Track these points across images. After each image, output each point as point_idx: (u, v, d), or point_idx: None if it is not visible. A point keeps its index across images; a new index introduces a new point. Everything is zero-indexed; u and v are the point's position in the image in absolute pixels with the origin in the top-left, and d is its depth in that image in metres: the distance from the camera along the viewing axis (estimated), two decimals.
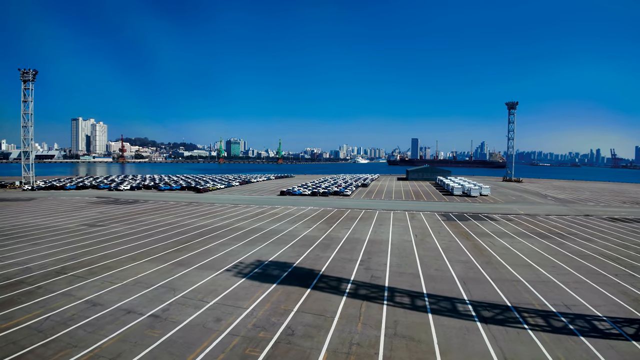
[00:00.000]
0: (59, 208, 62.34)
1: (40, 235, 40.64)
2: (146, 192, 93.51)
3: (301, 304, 21.89)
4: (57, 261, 30.36)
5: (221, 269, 28.62)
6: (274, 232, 43.26)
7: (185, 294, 23.33)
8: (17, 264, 29.49)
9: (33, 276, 26.45)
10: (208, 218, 53.07)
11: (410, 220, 52.15)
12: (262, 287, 24.66)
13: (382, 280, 26.24)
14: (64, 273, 27.20)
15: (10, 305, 21.27)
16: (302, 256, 32.95)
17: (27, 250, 33.72)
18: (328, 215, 56.05)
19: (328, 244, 37.90)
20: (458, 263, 30.75)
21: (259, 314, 20.42)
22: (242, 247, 35.88)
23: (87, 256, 31.98)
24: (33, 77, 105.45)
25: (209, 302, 22.06)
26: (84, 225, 46.81)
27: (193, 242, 38.04)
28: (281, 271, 28.43)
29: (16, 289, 23.80)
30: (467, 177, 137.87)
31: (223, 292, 23.65)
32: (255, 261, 31.11)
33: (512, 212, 61.86)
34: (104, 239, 38.72)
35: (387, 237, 41.38)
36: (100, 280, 25.67)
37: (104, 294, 23.04)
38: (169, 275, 26.94)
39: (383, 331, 18.39)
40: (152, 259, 31.36)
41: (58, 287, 24.32)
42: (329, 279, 26.51)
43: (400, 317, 20.10)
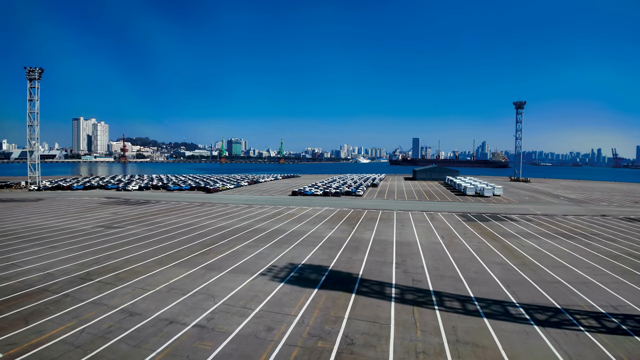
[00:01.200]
0: (70, 209, 61.01)
1: (56, 237, 39.29)
2: (155, 192, 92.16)
3: (350, 310, 20.91)
4: (80, 266, 28.95)
5: (256, 273, 27.39)
6: (297, 234, 42.02)
7: (225, 300, 22.08)
8: (37, 269, 28.03)
9: (57, 283, 24.99)
10: (226, 219, 51.79)
11: (430, 221, 51.24)
12: (304, 292, 23.57)
13: (425, 284, 25.46)
14: (89, 279, 25.78)
15: (39, 316, 19.75)
16: (335, 259, 31.79)
17: (45, 254, 32.27)
18: (346, 216, 54.87)
19: (356, 246, 36.75)
20: (494, 265, 30.06)
21: (310, 322, 19.35)
22: (270, 250, 34.66)
23: (111, 260, 30.64)
24: (39, 75, 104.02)
25: (254, 310, 20.86)
26: (99, 226, 45.50)
27: (217, 244, 36.78)
28: (318, 275, 27.32)
29: (42, 298, 22.31)
30: (475, 177, 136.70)
31: (265, 298, 22.47)
32: (289, 264, 29.90)
33: (529, 212, 61.17)
34: (123, 242, 37.44)
35: (413, 238, 40.34)
36: (131, 286, 24.33)
37: (138, 302, 21.70)
38: (203, 280, 25.67)
39: (444, 338, 17.68)
40: (179, 262, 30.07)
41: (87, 294, 22.89)
42: (371, 283, 25.57)
43: (456, 322, 19.39)
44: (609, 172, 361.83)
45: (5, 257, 31.22)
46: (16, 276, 26.29)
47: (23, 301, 21.79)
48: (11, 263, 29.59)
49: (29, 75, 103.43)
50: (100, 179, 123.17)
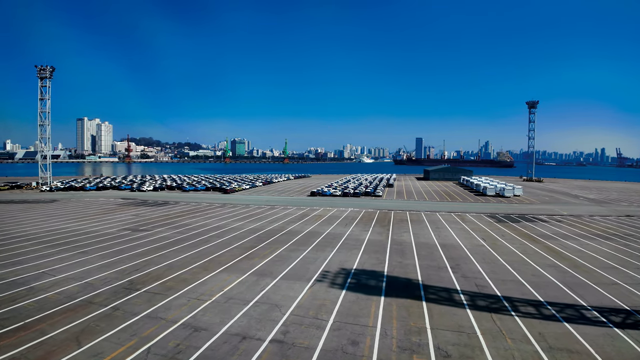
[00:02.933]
0: (89, 211, 59.50)
1: (83, 242, 37.53)
2: (171, 192, 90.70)
3: (429, 319, 19.67)
4: (119, 274, 27.09)
5: (311, 280, 25.87)
6: (333, 236, 40.53)
7: (293, 311, 20.53)
8: (73, 278, 26.01)
9: (100, 294, 22.98)
10: (254, 221, 50.27)
11: (462, 223, 49.98)
12: (372, 301, 22.14)
13: (490, 289, 24.39)
14: (135, 289, 23.96)
15: (92, 335, 17.68)
16: (386, 264, 30.34)
17: (77, 261, 30.31)
18: (375, 218, 53.38)
19: (401, 249, 35.33)
20: (548, 268, 29.23)
21: (394, 333, 18.03)
22: (314, 253, 33.14)
23: (151, 266, 28.94)
24: (50, 74, 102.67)
25: (327, 320, 19.35)
26: (126, 229, 43.94)
27: (257, 247, 35.25)
28: (377, 281, 25.89)
29: (88, 312, 20.23)
30: (489, 177, 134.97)
31: (334, 308, 20.96)
32: (341, 270, 28.39)
33: (555, 212, 60.29)
34: (157, 246, 35.84)
35: (455, 241, 39.04)
36: (184, 296, 22.63)
37: (199, 314, 19.98)
38: (258, 288, 24.11)
39: (536, 345, 17.06)
40: (225, 268, 28.50)
41: (138, 307, 21.04)
42: (436, 290, 24.29)
43: (539, 328, 18.71)
44: (614, 171, 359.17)
45: (34, 265, 29.26)
46: (52, 287, 24.26)
47: (68, 317, 19.69)
48: (42, 272, 27.53)
49: (39, 74, 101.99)
50: (112, 180, 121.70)
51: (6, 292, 23.26)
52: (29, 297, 22.40)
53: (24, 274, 26.77)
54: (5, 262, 29.81)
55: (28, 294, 22.82)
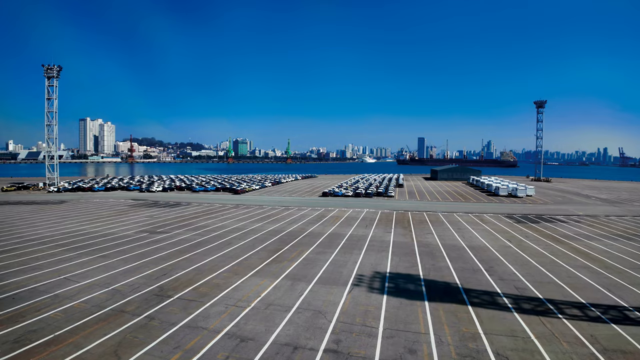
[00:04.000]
0: (101, 212, 58.62)
1: (102, 245, 36.46)
2: (180, 193, 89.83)
3: (480, 324, 19.25)
4: (147, 279, 26.03)
5: (348, 284, 25.01)
6: (358, 238, 39.67)
7: (338, 317, 19.69)
8: (98, 284, 24.80)
9: (131, 302, 21.84)
10: (272, 222, 49.38)
11: (483, 224, 49.31)
12: (416, 306, 21.41)
13: (530, 291, 24.05)
14: (167, 295, 22.86)
15: (131, 348, 16.45)
16: (419, 267, 29.52)
17: (99, 266, 29.17)
18: (394, 219, 52.50)
19: (429, 251, 34.51)
20: (581, 269, 29.06)
21: (449, 340, 17.43)
22: (342, 256, 32.27)
23: (178, 271, 27.93)
24: (57, 73, 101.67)
25: (377, 328, 18.55)
26: (142, 231, 43.02)
27: (282, 250, 34.39)
28: (415, 285, 25.12)
29: (122, 322, 19.01)
30: (498, 177, 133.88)
31: (380, 314, 20.16)
32: (375, 273, 27.58)
33: (571, 213, 60.13)
34: (179, 249, 34.91)
35: (481, 242, 38.33)
36: (221, 303, 21.67)
37: (241, 323, 19.01)
38: (296, 293, 23.23)
39: (591, 347, 16.91)
40: (256, 272, 27.61)
41: (175, 316, 19.87)
42: (477, 293, 23.74)
43: (590, 330, 18.60)
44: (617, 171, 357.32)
45: (54, 270, 27.95)
46: (77, 294, 22.97)
47: (101, 328, 18.37)
48: (64, 277, 26.26)
49: (46, 73, 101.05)
50: (119, 180, 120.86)
51: (29, 300, 22.05)
52: (54, 306, 21.19)
53: (45, 280, 25.63)
54: (23, 268, 28.69)
55: (53, 303, 21.63)
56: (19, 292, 23.25)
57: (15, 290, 23.70)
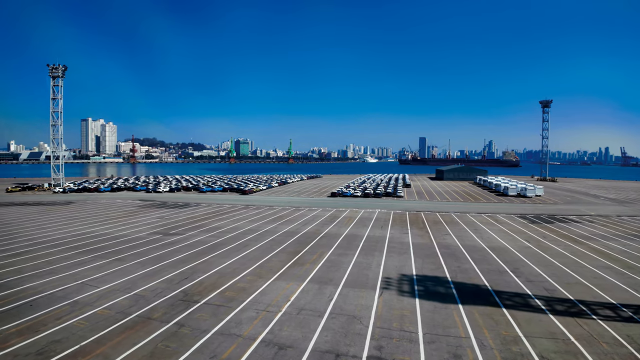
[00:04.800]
0: (110, 213, 57.96)
1: (115, 247, 35.64)
2: (188, 194, 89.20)
3: (518, 327, 18.78)
4: (168, 283, 25.15)
5: (375, 287, 24.45)
6: (376, 240, 39.12)
7: (375, 322, 19.10)
8: (118, 289, 23.88)
9: (156, 308, 20.85)
10: (285, 223, 48.78)
11: (498, 224, 48.94)
12: (450, 309, 20.93)
13: (560, 292, 23.89)
14: (193, 300, 22.00)
15: (165, 359, 15.65)
16: (445, 269, 28.96)
17: (116, 270, 28.07)
18: (408, 219, 51.98)
19: (451, 253, 33.97)
20: (604, 269, 28.94)
21: (491, 344, 17.08)
22: (364, 258, 31.69)
23: (200, 274, 27.14)
24: (62, 73, 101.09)
25: (417, 332, 18.00)
26: (155, 233, 42.30)
27: (302, 252, 33.79)
28: (444, 288, 24.63)
29: (151, 330, 18.05)
30: (504, 177, 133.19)
31: (416, 318, 19.61)
32: (401, 276, 26.99)
33: (582, 213, 60.09)
34: (196, 251, 34.19)
35: (500, 243, 37.94)
36: (251, 308, 20.85)
37: (275, 329, 18.27)
38: (325, 297, 22.61)
39: (630, 347, 16.78)
40: (280, 275, 26.98)
41: (205, 322, 18.96)
42: (509, 295, 23.43)
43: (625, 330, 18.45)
44: (619, 170, 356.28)
45: (70, 275, 26.96)
46: (98, 300, 22.01)
47: (129, 337, 17.37)
48: (82, 282, 25.23)
49: (51, 73, 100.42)
50: (125, 180, 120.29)
51: (48, 307, 21.04)
52: (76, 313, 20.19)
53: (62, 286, 24.63)
54: (38, 272, 27.64)
55: (74, 310, 20.63)
56: (36, 299, 22.29)
57: (32, 296, 22.72)
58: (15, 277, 26.33)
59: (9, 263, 30.07)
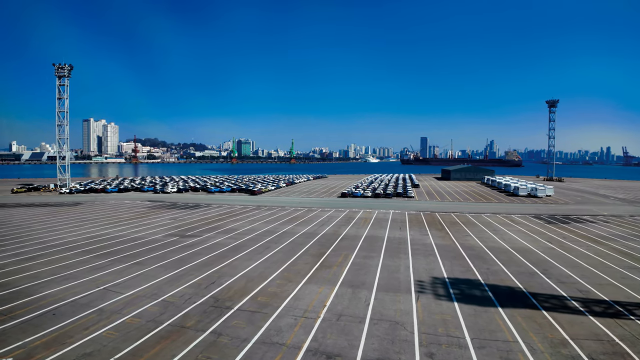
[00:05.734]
0: (120, 214, 57.34)
1: (132, 250, 34.73)
2: (197, 194, 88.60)
3: (562, 329, 18.58)
4: (195, 288, 24.29)
5: (410, 291, 23.91)
6: (398, 241, 38.62)
7: (419, 328, 18.54)
8: (144, 295, 22.92)
9: (188, 315, 19.93)
10: (301, 224, 48.22)
11: (515, 225, 48.53)
12: (491, 312, 20.54)
13: (594, 293, 23.74)
14: (225, 306, 21.10)
15: None
16: (476, 271, 28.43)
17: (137, 274, 27.22)
18: (424, 220, 51.46)
19: (477, 255, 33.45)
20: (631, 270, 28.89)
21: (540, 347, 16.87)
22: (390, 260, 31.15)
23: (226, 278, 26.33)
24: (68, 72, 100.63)
25: (464, 337, 17.54)
26: (172, 235, 41.62)
27: (326, 254, 33.22)
28: (479, 291, 24.15)
29: (188, 340, 17.13)
30: (514, 177, 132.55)
31: (459, 322, 19.19)
32: (433, 279, 26.47)
33: (596, 213, 59.74)
34: (217, 254, 33.43)
35: (523, 244, 37.57)
36: (288, 315, 20.00)
37: (318, 336, 17.52)
38: (361, 302, 22.01)
39: None
40: (309, 278, 26.38)
41: (243, 330, 18.09)
42: (545, 297, 23.19)
43: None
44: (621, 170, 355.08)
45: (90, 280, 25.89)
46: (125, 307, 21.00)
47: (166, 348, 16.53)
48: (104, 288, 24.24)
49: (57, 72, 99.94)
50: (131, 181, 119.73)
51: (73, 316, 19.86)
52: (103, 322, 19.15)
53: (84, 292, 23.55)
54: (55, 277, 26.65)
55: (101, 319, 19.55)
56: (58, 307, 21.18)
57: (54, 304, 21.64)
58: (32, 283, 25.32)
59: (24, 268, 29.06)
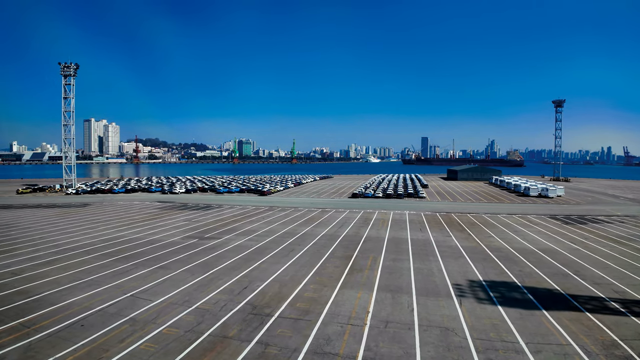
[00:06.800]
0: (132, 216, 56.58)
1: (153, 253, 33.65)
2: (205, 195, 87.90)
3: (610, 331, 18.38)
4: (229, 294, 23.22)
5: (451, 295, 23.38)
6: (423, 243, 38.11)
7: (470, 334, 18.03)
8: (176, 302, 21.67)
9: (228, 324, 18.83)
10: (320, 226, 47.64)
11: (534, 225, 48.32)
12: (537, 316, 20.35)
13: (630, 294, 23.62)
14: (264, 314, 20.21)
15: None
16: (510, 273, 27.99)
17: (164, 279, 26.03)
18: (442, 221, 50.97)
19: (505, 256, 33.01)
20: None
21: (593, 349, 16.80)
22: (422, 264, 30.60)
23: (258, 283, 25.45)
24: (74, 71, 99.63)
25: (519, 342, 17.19)
26: (190, 237, 40.81)
27: (354, 257, 32.65)
28: (519, 293, 23.81)
29: (235, 352, 16.07)
30: (522, 177, 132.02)
31: (509, 327, 18.86)
32: (470, 282, 25.98)
33: (609, 213, 59.72)
34: (242, 257, 32.67)
35: (547, 245, 37.37)
36: (332, 321, 19.14)
37: (371, 345, 16.65)
38: (405, 307, 21.41)
39: None
40: (344, 283, 25.72)
41: (290, 339, 17.18)
42: (585, 299, 22.78)
43: None
44: (622, 170, 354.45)
45: (115, 286, 24.63)
46: (158, 317, 19.67)
47: None
48: (131, 295, 22.93)
49: (63, 72, 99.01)
50: (137, 181, 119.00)
51: (104, 327, 18.46)
52: (139, 333, 17.84)
53: (111, 299, 22.20)
54: (78, 283, 25.19)
55: (135, 330, 18.25)
56: (85, 317, 19.71)
57: (80, 313, 20.12)
58: (53, 290, 23.93)
59: (42, 273, 27.58)
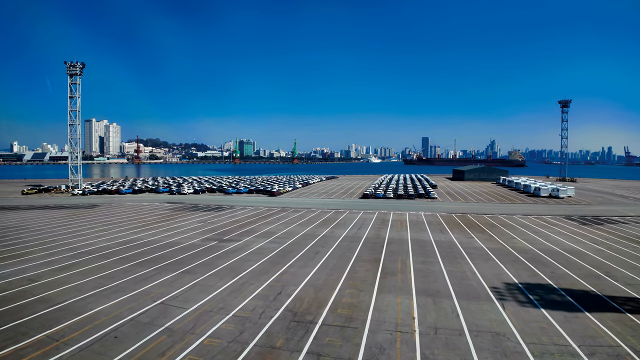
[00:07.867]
0: (144, 217, 55.90)
1: (174, 257, 32.60)
2: (214, 195, 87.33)
3: None
4: (264, 300, 22.24)
5: (491, 298, 22.95)
6: (448, 245, 37.67)
7: (522, 338, 17.67)
8: (210, 310, 20.80)
9: (271, 333, 18.09)
10: (337, 227, 47.24)
11: (553, 226, 48.16)
12: (581, 318, 20.19)
13: None
14: (307, 321, 19.45)
15: None
16: (543, 275, 27.75)
17: (192, 285, 25.19)
18: (461, 222, 50.82)
19: (532, 257, 32.86)
20: None
21: None
22: (453, 266, 30.18)
23: (291, 287, 24.63)
24: (80, 70, 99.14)
25: (571, 345, 17.07)
26: (209, 240, 40.09)
27: (382, 260, 32.15)
28: (557, 295, 23.68)
29: None
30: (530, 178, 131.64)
31: (557, 330, 18.67)
32: (507, 284, 25.59)
33: (622, 214, 59.67)
34: (268, 259, 31.97)
35: (571, 246, 37.19)
36: (379, 329, 18.54)
37: (427, 353, 16.06)
38: (449, 312, 20.90)
39: None
40: (380, 287, 25.08)
41: (342, 349, 16.50)
42: (622, 300, 22.64)
43: None
44: (623, 170, 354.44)
45: (142, 292, 23.59)
46: (195, 326, 18.75)
47: None
48: (161, 302, 21.76)
49: (69, 71, 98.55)
50: (143, 182, 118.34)
51: (140, 339, 17.31)
52: (179, 346, 16.74)
53: (141, 308, 21.03)
54: (101, 290, 24.05)
55: (174, 342, 17.08)
56: (118, 327, 18.62)
57: (111, 323, 19.03)
58: (76, 298, 22.72)
59: (62, 279, 26.31)
